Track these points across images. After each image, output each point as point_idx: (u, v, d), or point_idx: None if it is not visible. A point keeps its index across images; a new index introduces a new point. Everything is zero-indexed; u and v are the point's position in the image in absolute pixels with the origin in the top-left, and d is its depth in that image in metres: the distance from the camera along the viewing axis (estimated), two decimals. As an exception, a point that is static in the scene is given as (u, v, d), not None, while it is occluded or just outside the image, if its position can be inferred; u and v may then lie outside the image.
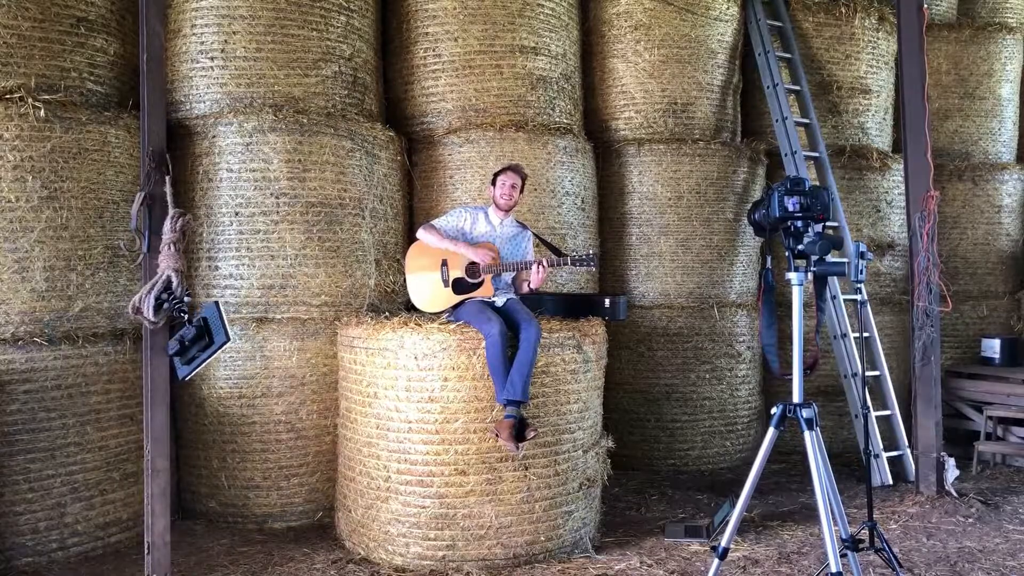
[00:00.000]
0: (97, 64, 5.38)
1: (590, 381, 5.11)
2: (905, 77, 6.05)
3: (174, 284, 3.66)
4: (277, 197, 5.57)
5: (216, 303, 3.47)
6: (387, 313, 5.44)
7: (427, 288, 5.04)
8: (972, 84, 8.47)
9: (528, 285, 5.03)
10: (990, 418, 7.09)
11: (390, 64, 6.72)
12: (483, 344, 4.66)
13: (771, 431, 3.71)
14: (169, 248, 3.68)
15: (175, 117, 5.75)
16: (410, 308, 5.26)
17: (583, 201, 6.76)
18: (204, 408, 5.61)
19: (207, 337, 3.44)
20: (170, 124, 5.71)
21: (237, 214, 5.56)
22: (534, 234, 5.37)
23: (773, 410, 3.72)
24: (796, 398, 3.69)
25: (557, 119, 6.70)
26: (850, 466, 7.15)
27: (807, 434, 3.65)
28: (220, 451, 5.59)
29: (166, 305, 3.64)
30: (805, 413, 3.64)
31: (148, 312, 3.60)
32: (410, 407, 4.76)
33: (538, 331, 4.69)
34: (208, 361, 3.49)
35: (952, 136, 8.49)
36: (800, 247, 3.38)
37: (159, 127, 4.19)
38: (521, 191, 5.20)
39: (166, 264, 3.67)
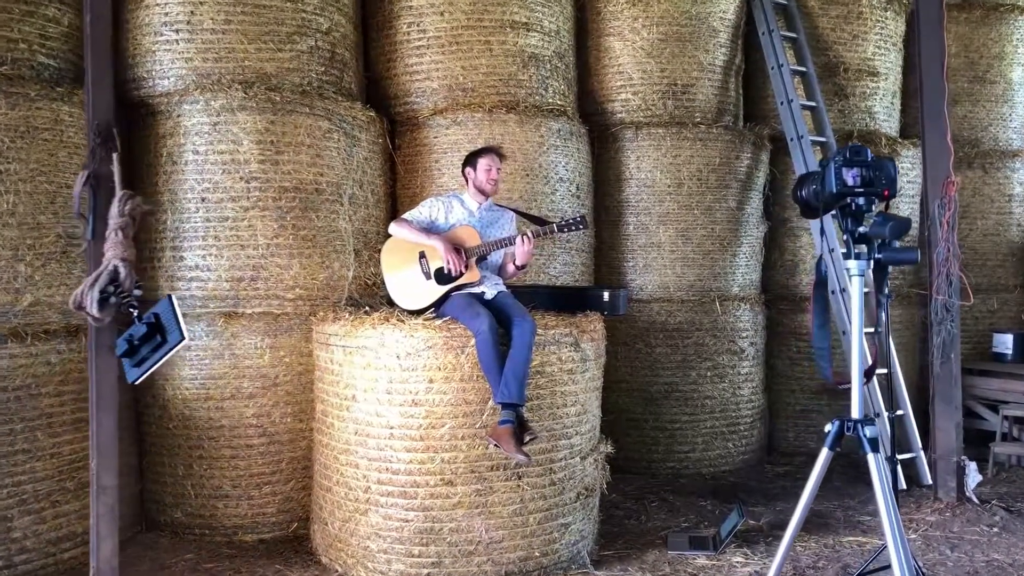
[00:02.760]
0: (49, 35, 4.91)
1: (588, 382, 4.70)
2: (923, 54, 5.65)
3: (122, 275, 3.20)
4: (247, 181, 5.13)
5: (170, 297, 3.01)
6: (367, 308, 5.01)
7: (408, 284, 4.62)
8: (982, 67, 8.08)
9: (514, 263, 4.64)
10: (1006, 418, 6.73)
11: (371, 39, 6.26)
12: (472, 342, 4.25)
13: (825, 452, 3.24)
14: (116, 235, 3.23)
15: (137, 95, 5.31)
16: (393, 303, 4.83)
17: (578, 188, 6.34)
18: (168, 411, 5.17)
19: (160, 336, 2.99)
20: (132, 102, 5.33)
21: (204, 200, 5.12)
22: (516, 212, 4.96)
23: (828, 427, 3.23)
24: (856, 413, 3.20)
25: (550, 100, 6.27)
26: (857, 468, 6.76)
27: (871, 457, 3.17)
28: (186, 457, 5.15)
29: (113, 299, 3.18)
30: (868, 431, 3.16)
31: (92, 307, 3.16)
32: (392, 411, 4.33)
33: (533, 327, 4.28)
34: (161, 363, 3.04)
35: (961, 122, 8.07)
36: (862, 229, 2.90)
37: (105, 97, 3.74)
38: (501, 173, 4.85)
39: (112, 253, 3.22)
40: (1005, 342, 7.50)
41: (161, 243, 5.18)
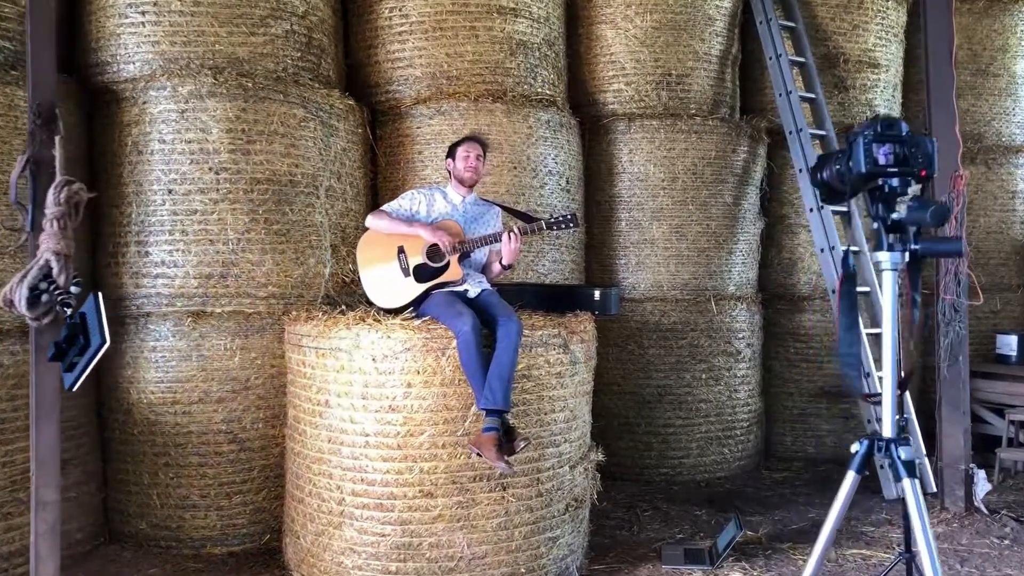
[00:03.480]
0: (4, 16, 4.60)
1: (578, 386, 4.41)
2: (930, 39, 5.39)
3: (54, 270, 2.89)
4: (217, 172, 4.84)
5: (95, 295, 2.68)
6: (343, 307, 4.72)
7: (385, 281, 4.32)
8: (985, 60, 7.81)
9: (500, 262, 4.38)
10: (1012, 422, 6.47)
11: (351, 24, 5.97)
12: (454, 343, 3.96)
13: (851, 476, 2.84)
14: (51, 225, 2.91)
15: (100, 80, 5.02)
16: (371, 302, 4.53)
17: (568, 182, 6.05)
18: (132, 416, 4.87)
19: (84, 339, 2.67)
20: (95, 88, 5.04)
21: (171, 192, 4.83)
22: (502, 207, 4.68)
23: (855, 447, 2.85)
24: (887, 431, 2.80)
25: (539, 89, 5.98)
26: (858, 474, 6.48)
27: (907, 483, 2.73)
28: (151, 465, 4.85)
29: (45, 297, 2.88)
30: (902, 453, 2.74)
31: (21, 305, 2.86)
32: (367, 417, 4.04)
33: (519, 328, 3.99)
34: (88, 371, 2.72)
35: (963, 116, 7.68)
36: (896, 216, 2.59)
37: (47, 74, 3.41)
38: (483, 162, 4.55)
39: (45, 246, 2.91)
40: (1009, 343, 7.24)
41: (125, 238, 4.88)
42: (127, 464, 4.92)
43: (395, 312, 4.29)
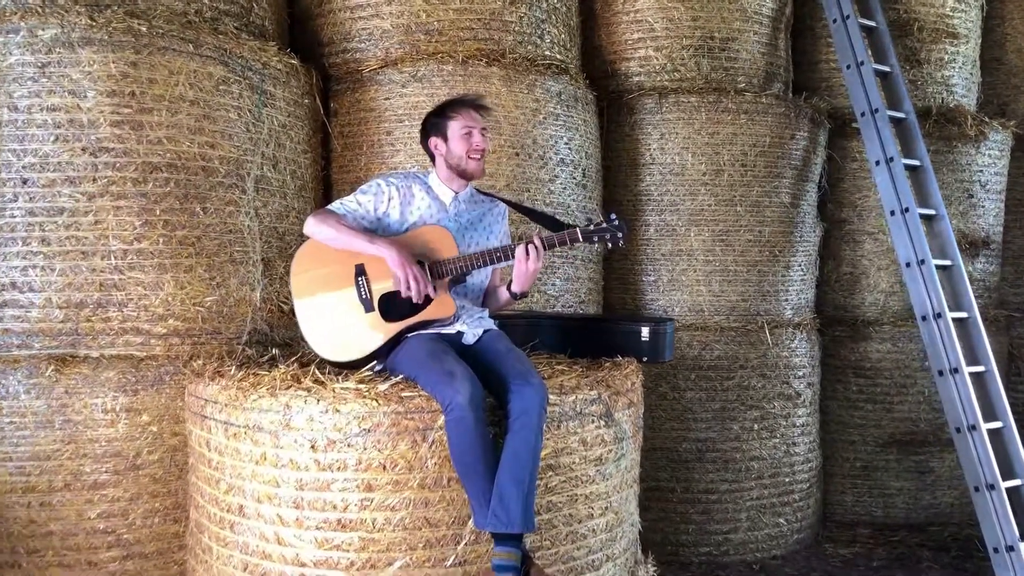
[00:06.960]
0: None
1: (624, 473, 2.97)
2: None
3: None
4: (94, 155, 3.38)
5: None
6: (276, 351, 3.24)
7: (335, 320, 2.84)
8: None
9: (509, 287, 3.00)
10: None
11: (296, -40, 4.54)
12: (441, 420, 2.50)
13: None
14: None
15: (-72, 22, 3.51)
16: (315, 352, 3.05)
17: (584, 174, 4.63)
18: (-32, 507, 3.38)
19: None
20: (-79, 34, 3.52)
21: (26, 182, 3.38)
22: (512, 204, 3.23)
23: None
24: None
25: (547, 52, 4.55)
26: (948, 550, 5.13)
27: None
28: (-5, 579, 3.37)
29: None
30: None
31: None
32: (304, 538, 2.57)
33: (543, 396, 2.55)
34: None
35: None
36: None
37: None
38: (488, 139, 3.09)
39: None
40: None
41: (-39, 248, 3.40)
42: (-38, 576, 3.42)
43: (351, 366, 2.82)
